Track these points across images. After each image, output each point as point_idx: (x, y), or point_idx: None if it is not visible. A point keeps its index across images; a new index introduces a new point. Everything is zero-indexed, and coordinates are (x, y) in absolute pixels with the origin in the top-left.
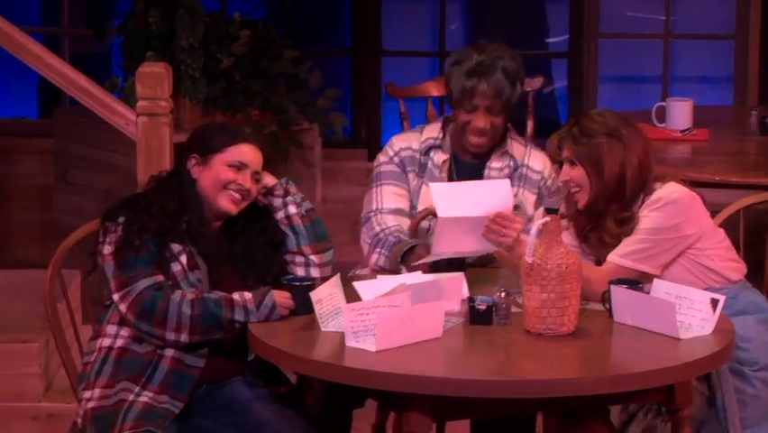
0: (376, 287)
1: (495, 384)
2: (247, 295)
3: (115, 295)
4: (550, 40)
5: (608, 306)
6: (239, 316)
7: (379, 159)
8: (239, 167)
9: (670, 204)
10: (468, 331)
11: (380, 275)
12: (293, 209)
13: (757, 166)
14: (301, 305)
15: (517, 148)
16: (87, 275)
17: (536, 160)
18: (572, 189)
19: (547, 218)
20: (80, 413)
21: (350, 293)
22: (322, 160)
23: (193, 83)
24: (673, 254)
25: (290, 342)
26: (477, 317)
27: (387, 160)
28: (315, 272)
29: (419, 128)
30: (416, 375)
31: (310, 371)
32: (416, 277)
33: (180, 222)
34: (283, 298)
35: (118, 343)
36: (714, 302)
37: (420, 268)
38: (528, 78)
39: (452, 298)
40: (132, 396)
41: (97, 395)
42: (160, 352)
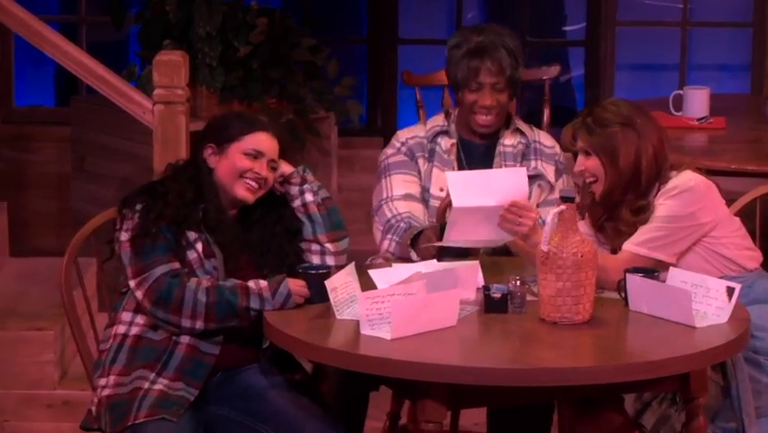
0: (391, 275)
1: (510, 373)
2: (262, 283)
3: (131, 282)
4: (567, 28)
5: (623, 294)
6: (254, 303)
7: (386, 152)
8: (255, 155)
9: (686, 192)
10: (483, 319)
11: (395, 264)
12: (309, 197)
13: None
14: (316, 293)
15: (525, 127)
16: (104, 263)
17: (545, 137)
18: (588, 180)
19: (563, 207)
20: (95, 401)
21: (365, 281)
22: (338, 148)
23: (210, 71)
24: (689, 243)
25: (305, 330)
26: (492, 305)
27: (394, 151)
28: (330, 261)
29: (422, 122)
30: (432, 363)
31: (325, 359)
32: (431, 265)
33: (197, 210)
34: (298, 286)
35: (133, 330)
36: (730, 291)
37: (428, 250)
38: (545, 67)
39: (467, 286)
40: (148, 384)
41: (112, 382)
42: (175, 339)
